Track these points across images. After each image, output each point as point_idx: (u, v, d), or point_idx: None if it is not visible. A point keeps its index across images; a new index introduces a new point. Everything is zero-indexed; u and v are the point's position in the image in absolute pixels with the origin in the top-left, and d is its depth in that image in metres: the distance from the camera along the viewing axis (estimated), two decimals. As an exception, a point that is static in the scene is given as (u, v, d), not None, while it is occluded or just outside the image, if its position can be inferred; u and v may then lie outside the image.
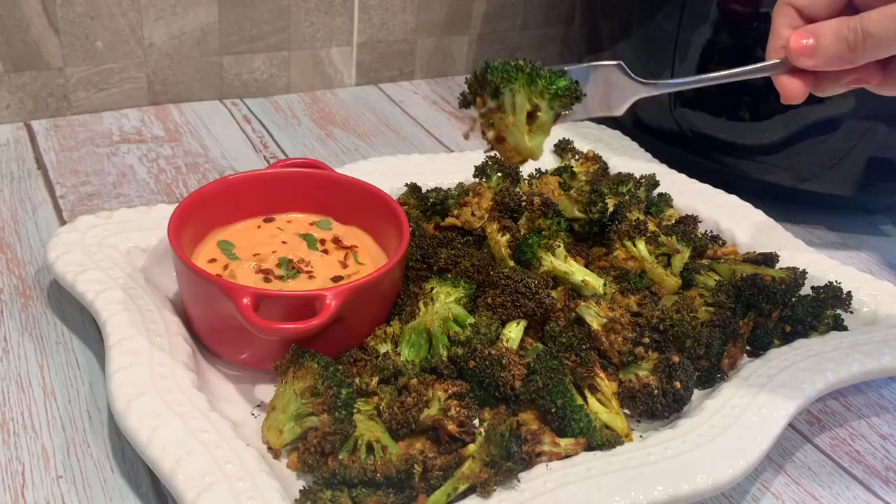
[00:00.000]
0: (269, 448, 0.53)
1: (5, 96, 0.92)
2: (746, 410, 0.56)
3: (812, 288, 0.68)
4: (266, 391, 0.59)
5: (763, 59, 0.57)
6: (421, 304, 0.62)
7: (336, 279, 0.62)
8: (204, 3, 0.99)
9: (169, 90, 1.02)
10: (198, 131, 0.97)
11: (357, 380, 0.57)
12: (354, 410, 0.53)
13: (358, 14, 1.10)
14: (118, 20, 0.94)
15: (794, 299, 0.67)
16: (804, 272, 0.68)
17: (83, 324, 0.65)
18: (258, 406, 0.58)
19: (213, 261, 0.63)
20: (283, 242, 0.66)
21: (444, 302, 0.62)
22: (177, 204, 0.63)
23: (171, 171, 0.88)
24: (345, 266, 0.64)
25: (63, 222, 0.77)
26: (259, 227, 0.68)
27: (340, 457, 0.51)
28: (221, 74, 1.04)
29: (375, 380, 0.57)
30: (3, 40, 0.89)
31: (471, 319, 0.60)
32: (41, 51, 0.92)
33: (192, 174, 0.88)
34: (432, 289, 0.63)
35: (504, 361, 0.56)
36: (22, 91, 0.93)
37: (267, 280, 0.61)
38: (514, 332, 0.61)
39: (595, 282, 0.64)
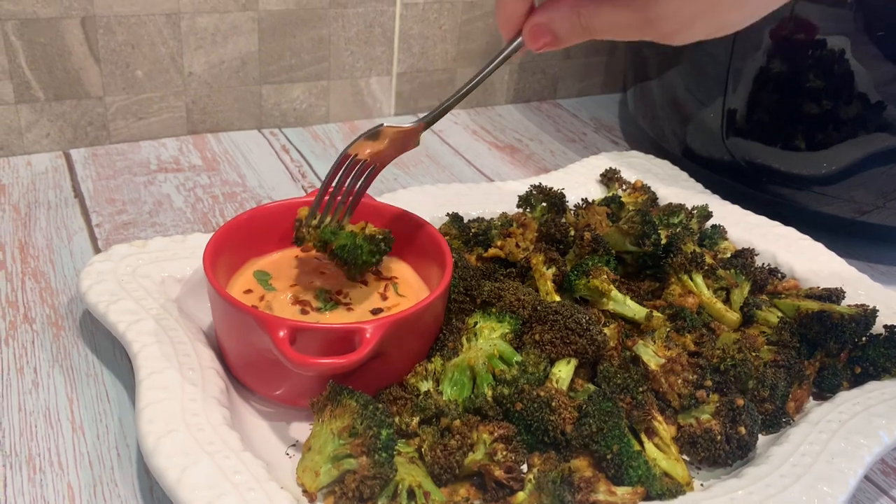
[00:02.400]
0: (305, 491, 0.50)
1: (45, 125, 0.92)
2: (818, 459, 0.52)
3: (884, 326, 0.63)
4: (302, 430, 0.56)
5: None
6: (464, 340, 0.59)
7: (375, 312, 0.59)
8: (244, 32, 0.98)
9: (207, 119, 1.01)
10: (236, 160, 0.96)
11: (396, 419, 0.54)
12: (395, 453, 0.49)
13: (398, 44, 1.09)
14: (158, 49, 0.94)
15: (864, 338, 0.63)
16: (875, 309, 0.63)
17: (115, 356, 0.63)
18: (293, 445, 0.55)
19: (248, 291, 0.61)
20: (322, 273, 0.63)
21: (489, 338, 0.58)
22: (213, 233, 0.61)
23: (208, 200, 0.87)
24: (385, 298, 0.62)
25: (98, 251, 0.76)
26: (297, 256, 0.66)
27: (380, 503, 0.47)
28: (260, 104, 1.03)
29: (416, 420, 0.54)
30: (45, 69, 0.89)
31: (517, 357, 0.57)
32: (82, 80, 0.92)
33: (229, 203, 0.86)
34: (476, 323, 0.60)
35: (553, 404, 0.53)
36: (62, 120, 0.92)
37: (304, 312, 0.59)
38: (563, 371, 0.57)
39: (635, 307, 0.62)
